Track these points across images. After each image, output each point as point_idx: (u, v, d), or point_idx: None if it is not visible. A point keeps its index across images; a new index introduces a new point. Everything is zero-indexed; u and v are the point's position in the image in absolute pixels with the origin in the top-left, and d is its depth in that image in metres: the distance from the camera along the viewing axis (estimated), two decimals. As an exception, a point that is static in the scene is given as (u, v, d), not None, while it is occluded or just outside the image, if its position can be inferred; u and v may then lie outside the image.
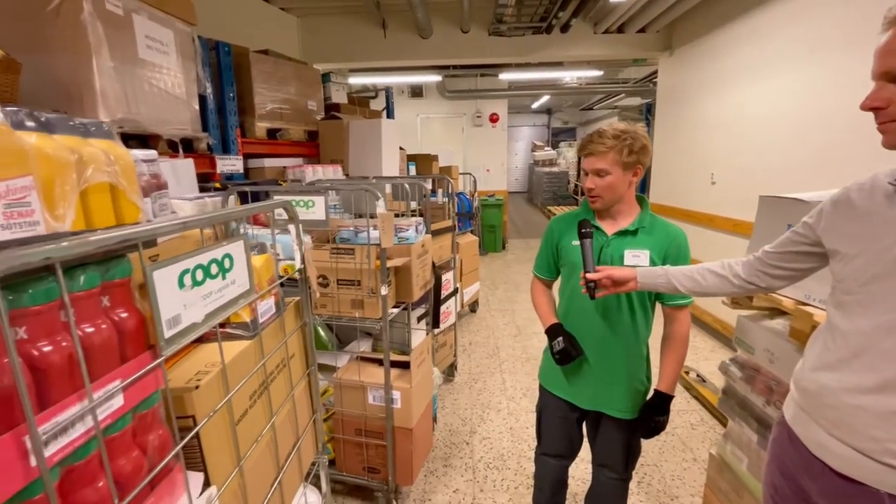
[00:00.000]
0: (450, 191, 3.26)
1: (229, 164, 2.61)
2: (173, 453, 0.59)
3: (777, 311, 1.52)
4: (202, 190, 2.11)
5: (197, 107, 2.28)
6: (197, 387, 0.65)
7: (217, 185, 2.19)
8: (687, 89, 4.27)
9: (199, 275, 0.64)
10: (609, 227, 1.35)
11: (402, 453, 1.84)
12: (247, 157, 2.87)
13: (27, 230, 0.47)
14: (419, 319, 2.56)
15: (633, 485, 2.05)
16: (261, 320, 0.85)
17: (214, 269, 0.67)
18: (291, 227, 1.00)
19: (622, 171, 1.27)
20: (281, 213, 1.71)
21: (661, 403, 1.32)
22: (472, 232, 4.52)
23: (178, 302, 0.59)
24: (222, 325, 0.80)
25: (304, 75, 3.23)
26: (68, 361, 0.45)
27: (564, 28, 4.46)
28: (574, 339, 1.37)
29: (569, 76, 7.15)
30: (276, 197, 1.67)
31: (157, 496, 0.57)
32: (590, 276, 1.21)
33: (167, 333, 0.56)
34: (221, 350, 0.69)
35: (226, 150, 2.64)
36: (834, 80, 2.54)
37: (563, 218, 1.45)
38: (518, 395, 2.88)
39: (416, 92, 7.64)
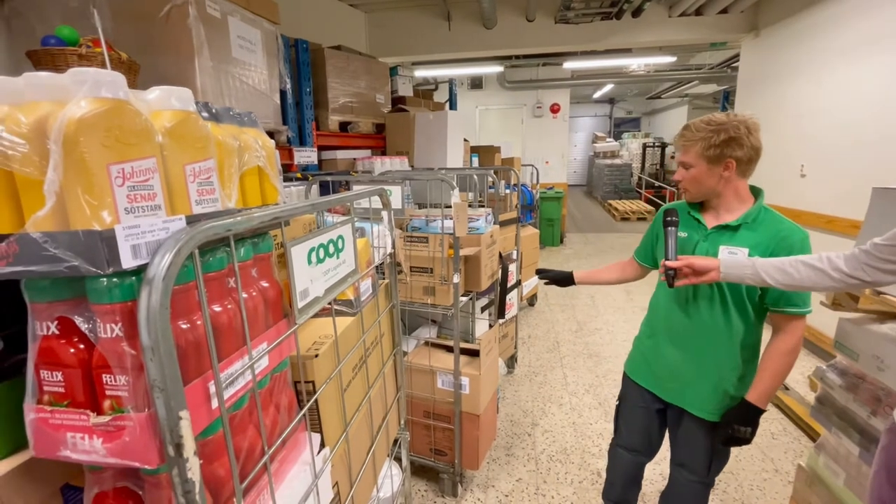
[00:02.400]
0: (513, 182, 3.24)
1: (305, 156, 2.76)
2: (302, 413, 0.65)
3: (888, 315, 1.39)
4: (284, 180, 2.25)
5: (278, 101, 2.42)
6: (316, 355, 0.71)
7: (299, 175, 2.32)
8: (773, 73, 3.93)
9: (322, 253, 0.69)
10: (710, 221, 1.29)
11: (469, 438, 1.88)
12: (320, 149, 3.01)
13: (211, 206, 0.54)
14: (483, 310, 2.58)
15: (706, 490, 1.97)
16: (361, 299, 0.91)
17: (332, 248, 0.73)
18: (384, 213, 1.05)
19: (707, 165, 1.22)
20: (358, 203, 1.78)
21: (745, 413, 1.23)
22: (532, 224, 4.47)
23: (307, 276, 0.64)
24: (333, 301, 0.87)
25: (373, 69, 3.33)
26: (234, 323, 0.51)
27: (636, 13, 4.26)
28: (559, 282, 1.67)
29: (636, 63, 6.81)
30: (357, 187, 1.75)
31: (288, 450, 0.64)
32: (669, 263, 1.19)
33: (300, 304, 0.61)
34: (335, 323, 0.75)
35: (302, 142, 2.79)
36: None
37: (669, 206, 1.41)
38: (581, 391, 2.84)
39: (476, 84, 7.62)
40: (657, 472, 2.07)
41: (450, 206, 1.68)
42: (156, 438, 0.42)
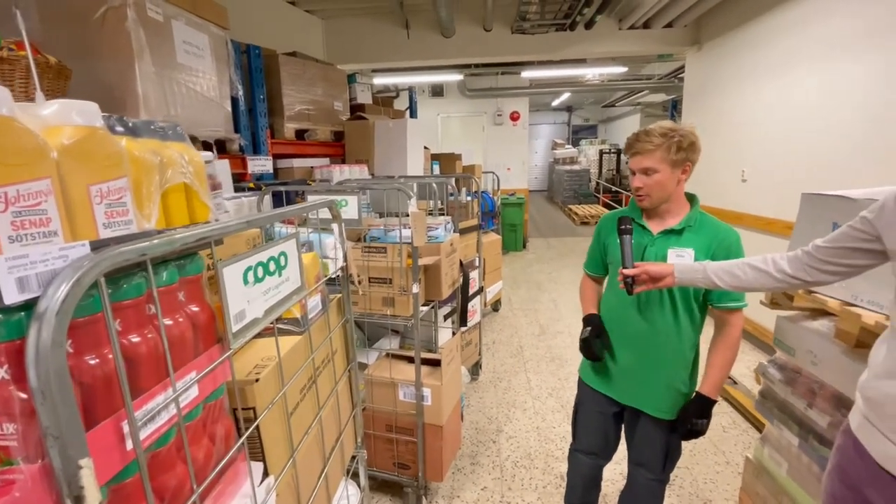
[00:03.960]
0: (474, 190, 3.27)
1: (260, 165, 2.67)
2: (240, 442, 0.61)
3: (820, 312, 1.48)
4: (236, 190, 2.16)
5: (229, 108, 2.34)
6: (257, 379, 0.67)
7: (251, 185, 2.24)
8: (715, 84, 4.17)
9: (260, 272, 0.66)
10: (655, 227, 1.34)
11: (432, 450, 1.86)
12: (276, 157, 2.93)
13: (123, 229, 0.50)
14: (445, 318, 2.57)
15: (664, 487, 2.03)
16: (309, 316, 0.88)
17: (273, 266, 0.70)
18: (335, 226, 1.03)
19: (670, 169, 1.26)
20: (315, 213, 1.74)
21: (701, 406, 1.30)
22: (494, 231, 4.51)
23: (243, 297, 0.61)
24: (276, 321, 0.83)
25: (331, 76, 3.28)
26: (155, 353, 0.47)
27: (589, 25, 4.41)
28: (605, 335, 1.39)
29: (591, 73, 7.06)
30: (312, 197, 1.71)
31: (225, 483, 0.60)
32: (626, 271, 1.22)
33: (235, 328, 0.58)
34: (278, 344, 0.72)
35: (256, 150, 2.70)
36: (873, 74, 2.45)
37: (611, 216, 1.45)
38: (544, 394, 2.87)
39: (437, 91, 7.66)
40: (617, 471, 2.11)
41: (408, 216, 1.67)
42: (52, 492, 0.38)
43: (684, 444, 1.46)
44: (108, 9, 1.60)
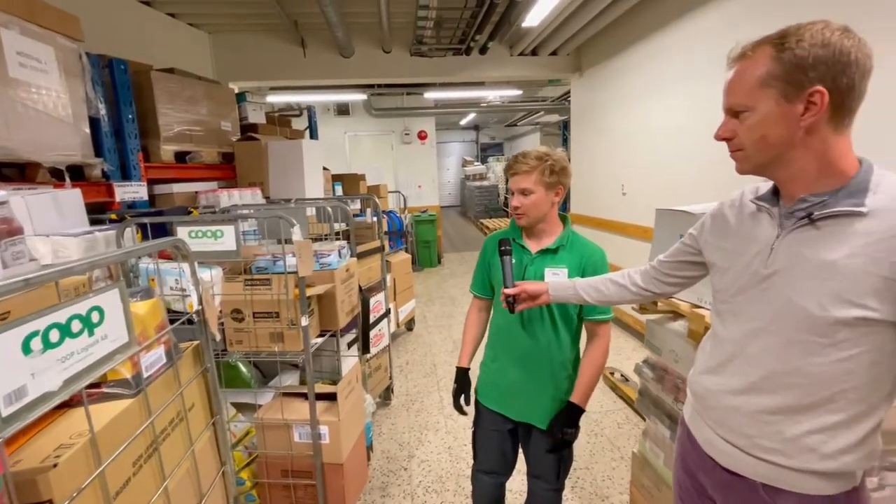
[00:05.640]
0: (378, 210, 3.23)
1: (131, 192, 2.40)
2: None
3: (678, 314, 1.66)
4: (96, 222, 1.91)
5: (88, 130, 2.08)
6: (55, 465, 0.56)
7: (113, 216, 1.99)
8: (596, 107, 4.61)
9: (55, 335, 0.56)
10: (534, 246, 1.41)
11: (334, 490, 1.75)
12: (152, 182, 2.65)
13: None
14: (350, 345, 2.48)
15: (567, 490, 2.11)
16: (147, 374, 0.77)
17: (77, 325, 0.60)
18: (185, 267, 0.93)
19: (545, 191, 1.34)
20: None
21: (570, 415, 1.36)
22: (404, 249, 4.50)
23: (23, 371, 0.51)
24: (96, 386, 0.71)
25: (216, 95, 3.07)
26: None
27: (483, 50, 4.65)
28: (468, 389, 1.52)
29: (492, 95, 7.45)
30: (178, 228, 1.55)
31: None
32: (507, 291, 1.27)
33: (5, 411, 0.48)
34: (89, 416, 0.61)
35: (126, 176, 2.42)
36: (718, 99, 2.86)
37: (493, 237, 1.50)
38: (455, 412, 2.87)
39: (343, 110, 7.55)
40: (520, 480, 2.16)
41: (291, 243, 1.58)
42: None
43: (584, 444, 1.54)
44: None
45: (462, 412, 1.54)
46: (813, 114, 0.71)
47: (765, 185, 0.88)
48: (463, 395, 1.53)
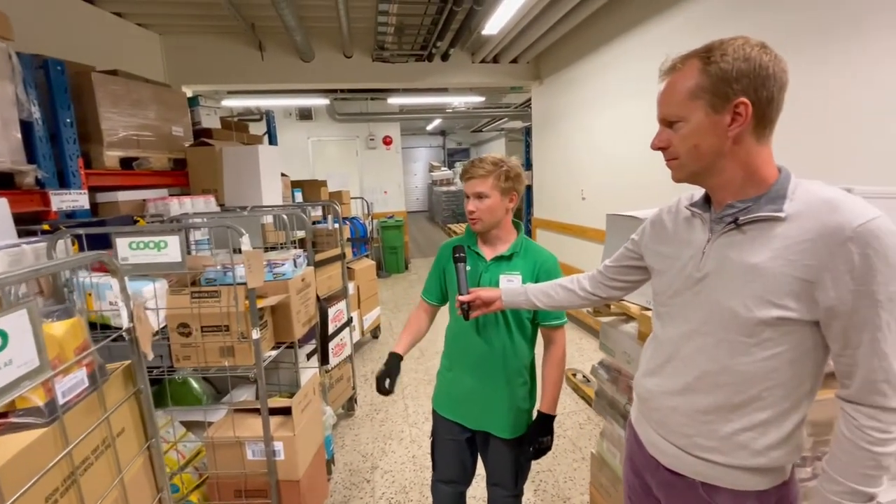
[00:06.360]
0: (338, 217, 3.17)
1: (69, 200, 2.27)
2: None
3: (630, 316, 1.70)
4: (27, 234, 1.78)
5: (19, 134, 1.95)
6: (-54, 506, 0.51)
7: (46, 226, 1.86)
8: (555, 114, 4.72)
9: (-56, 364, 0.51)
10: (488, 253, 1.42)
11: (291, 508, 1.69)
12: (95, 190, 2.51)
13: None
14: (309, 356, 2.42)
15: (529, 493, 2.13)
16: (64, 400, 0.72)
17: (-26, 352, 0.55)
18: (113, 283, 0.87)
19: (500, 196, 1.35)
20: (126, 258, 1.50)
21: (543, 425, 1.38)
22: (368, 256, 4.45)
23: None
24: (2, 415, 0.66)
25: (166, 98, 2.95)
26: None
27: (445, 57, 4.68)
28: (394, 375, 1.37)
29: (457, 101, 7.50)
30: (118, 239, 1.46)
31: None
32: (461, 298, 1.27)
33: None
34: (-9, 451, 0.56)
35: (64, 183, 2.28)
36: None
37: (449, 244, 1.49)
38: (421, 419, 2.85)
39: (305, 114, 7.42)
40: (482, 487, 2.16)
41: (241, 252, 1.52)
42: None
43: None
44: None
45: (384, 393, 1.38)
46: (739, 124, 0.75)
47: (699, 191, 0.92)
48: (388, 380, 1.38)
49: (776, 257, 0.74)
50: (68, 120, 2.27)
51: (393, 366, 1.39)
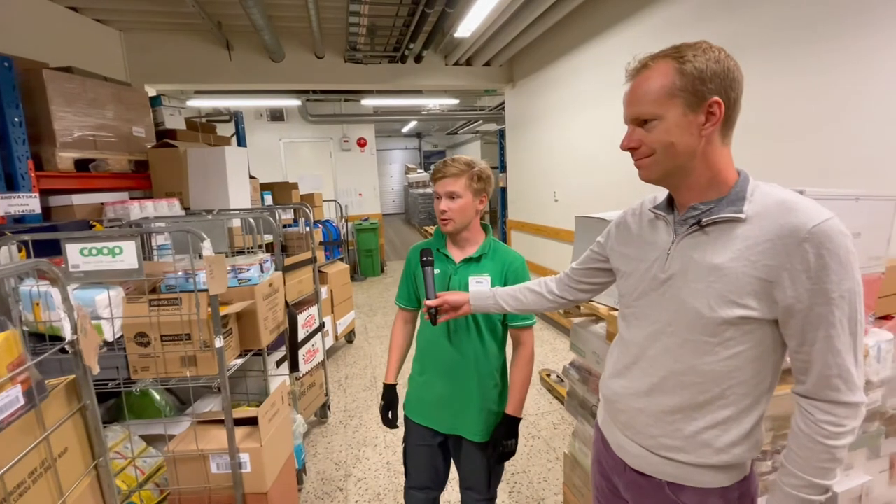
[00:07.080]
0: (310, 220, 3.11)
1: (19, 204, 2.14)
2: None
3: (599, 317, 1.72)
4: (-32, 240, 1.66)
5: (-40, 135, 1.83)
6: None
7: (-11, 232, 1.74)
8: (528, 117, 4.77)
9: None
10: (457, 256, 1.41)
11: (259, 521, 1.63)
12: (47, 193, 2.38)
13: None
14: (279, 364, 2.35)
15: (504, 495, 2.13)
16: (-6, 420, 0.66)
17: None
18: (54, 293, 0.82)
19: (472, 197, 1.35)
20: (77, 265, 1.42)
21: (509, 427, 1.36)
22: (342, 259, 4.38)
23: None
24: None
25: (126, 97, 2.83)
26: None
27: (418, 59, 4.66)
28: (394, 406, 1.47)
29: (431, 103, 7.49)
30: (68, 245, 1.38)
31: None
32: (429, 302, 1.25)
33: None
34: None
35: (12, 186, 2.15)
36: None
37: (417, 247, 1.47)
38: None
39: (277, 115, 7.26)
40: (456, 491, 2.14)
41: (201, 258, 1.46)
42: None
43: (521, 447, 1.54)
44: None
45: (392, 426, 1.48)
46: (713, 123, 0.75)
47: (662, 193, 0.93)
48: (391, 412, 1.46)
49: (738, 258, 0.75)
50: (17, 119, 2.15)
51: (391, 398, 1.46)
